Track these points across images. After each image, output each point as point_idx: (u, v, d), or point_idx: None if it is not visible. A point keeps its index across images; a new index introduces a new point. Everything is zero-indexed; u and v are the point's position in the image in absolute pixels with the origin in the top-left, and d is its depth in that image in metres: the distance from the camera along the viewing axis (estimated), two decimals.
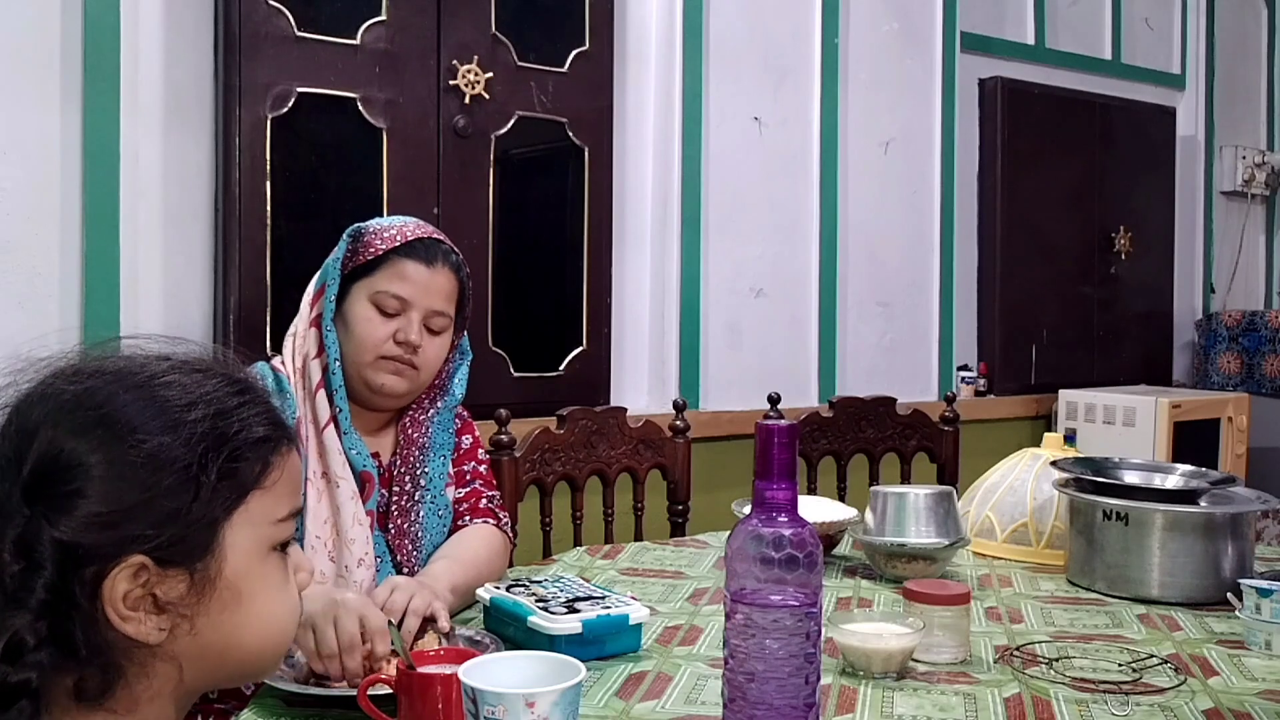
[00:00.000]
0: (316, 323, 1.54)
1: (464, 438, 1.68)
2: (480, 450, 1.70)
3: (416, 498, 1.56)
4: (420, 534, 1.55)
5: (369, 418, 1.58)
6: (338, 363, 1.52)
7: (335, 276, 1.54)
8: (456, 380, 1.65)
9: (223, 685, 0.86)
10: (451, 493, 1.61)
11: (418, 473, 1.57)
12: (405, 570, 1.53)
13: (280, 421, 0.85)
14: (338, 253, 1.55)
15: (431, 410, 1.62)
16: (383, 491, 1.56)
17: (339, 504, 1.48)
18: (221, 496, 0.79)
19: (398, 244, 1.53)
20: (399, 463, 1.58)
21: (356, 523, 1.48)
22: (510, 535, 1.67)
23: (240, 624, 0.81)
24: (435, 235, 1.58)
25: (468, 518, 1.62)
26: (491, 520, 1.63)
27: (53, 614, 0.73)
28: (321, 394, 1.52)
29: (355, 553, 1.47)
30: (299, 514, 0.87)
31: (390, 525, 1.55)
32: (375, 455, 1.56)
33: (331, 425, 1.51)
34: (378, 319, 1.52)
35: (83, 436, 0.76)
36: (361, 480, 1.52)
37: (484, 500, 1.65)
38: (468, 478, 1.66)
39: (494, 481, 1.71)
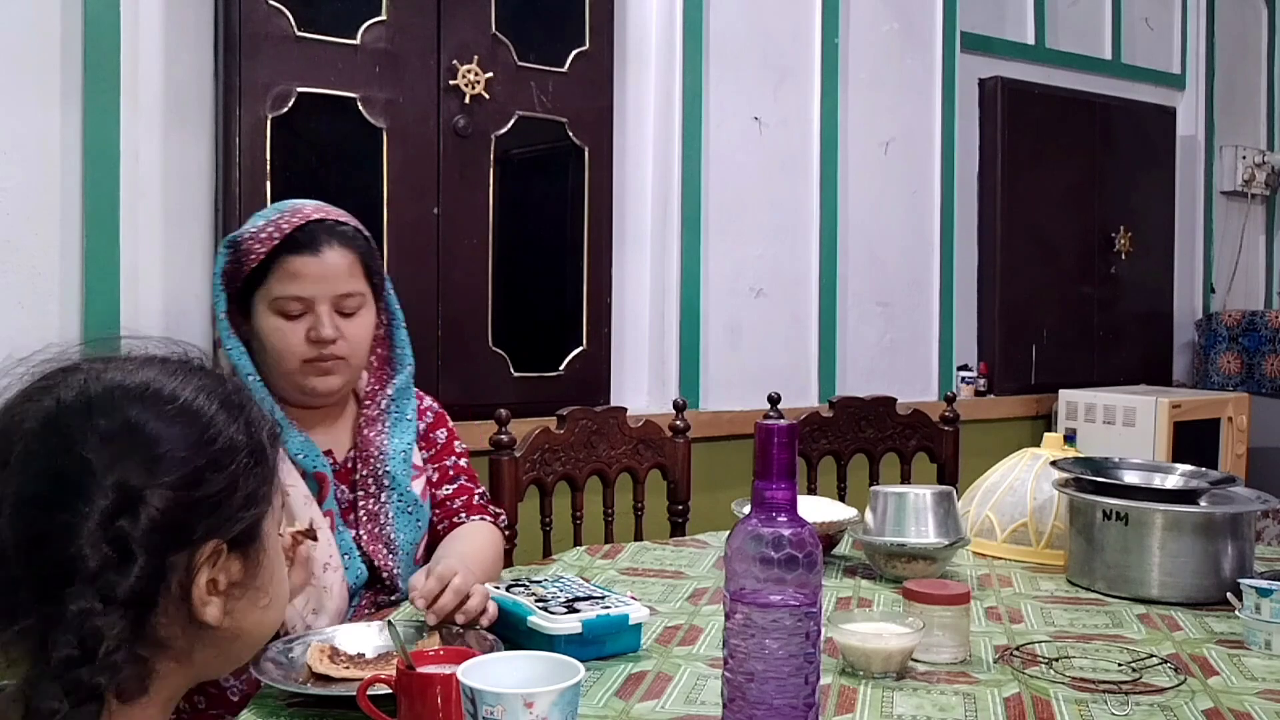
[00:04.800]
0: (219, 343, 1.49)
1: (438, 431, 1.65)
2: (457, 443, 1.67)
3: (383, 499, 1.53)
4: (393, 535, 1.52)
5: (317, 415, 1.53)
6: (250, 377, 1.46)
7: (219, 294, 1.48)
8: (399, 350, 1.59)
9: (222, 673, 0.87)
10: (419, 486, 1.57)
11: (380, 473, 1.53)
12: (384, 575, 1.50)
13: (272, 419, 0.89)
14: (216, 268, 1.49)
15: (384, 399, 1.57)
16: (342, 488, 1.52)
17: (294, 511, 1.43)
18: (267, 483, 0.83)
19: (277, 242, 1.44)
20: (360, 465, 1.53)
21: (316, 526, 1.41)
22: (504, 530, 1.66)
23: (267, 604, 0.84)
24: (313, 216, 1.48)
25: (463, 514, 1.60)
26: (488, 517, 1.62)
27: (137, 607, 0.74)
28: None
29: (320, 557, 1.41)
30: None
31: (361, 531, 1.51)
32: (329, 452, 1.52)
33: None
34: (286, 325, 1.45)
35: (171, 421, 0.77)
36: (316, 481, 1.47)
37: (476, 497, 1.63)
38: (451, 474, 1.63)
39: (476, 475, 1.68)
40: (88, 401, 0.77)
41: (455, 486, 1.63)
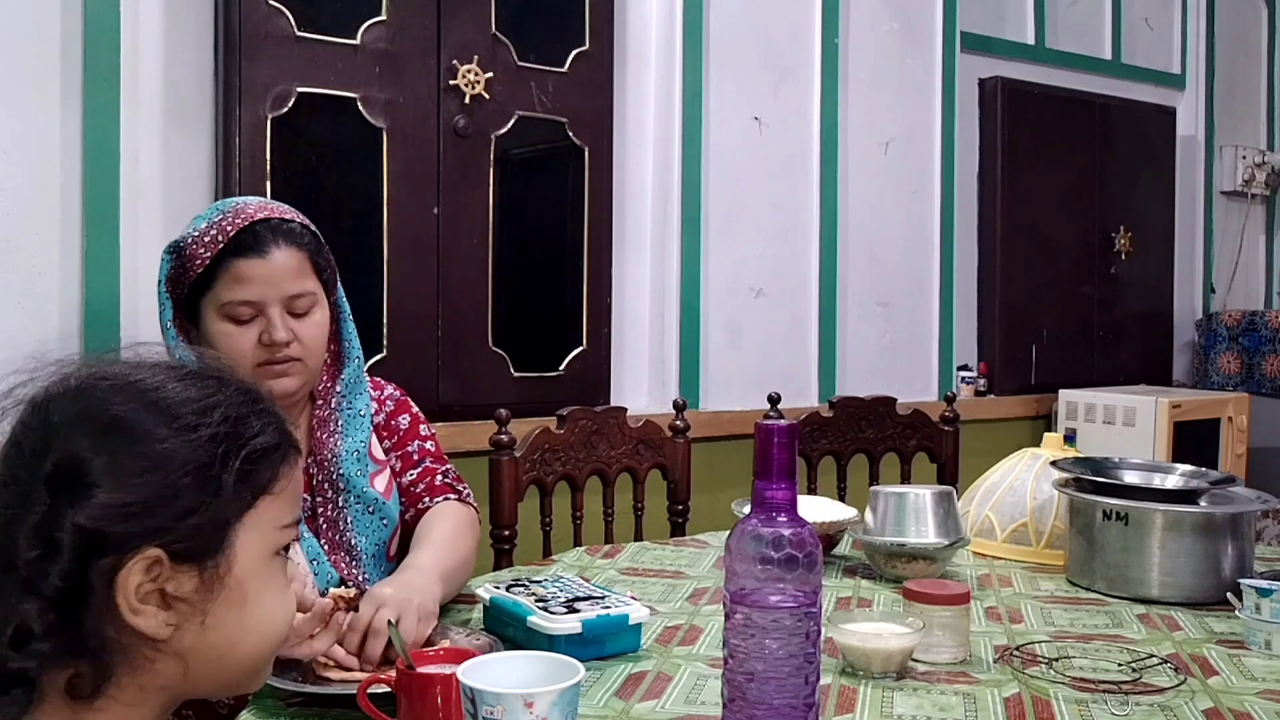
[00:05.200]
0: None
1: (400, 418, 1.61)
2: (422, 426, 1.62)
3: (340, 503, 1.49)
4: (354, 540, 1.49)
5: None
6: None
7: (164, 302, 1.44)
8: (347, 343, 1.54)
9: (212, 693, 0.86)
10: (381, 482, 1.53)
11: (335, 476, 1.49)
12: (349, 583, 1.46)
13: (287, 431, 0.88)
14: (159, 275, 1.44)
15: (335, 397, 1.52)
16: (305, 496, 1.48)
17: None
18: (235, 498, 0.82)
19: (221, 245, 1.39)
20: (316, 470, 1.49)
21: None
22: (474, 506, 1.60)
23: (243, 625, 0.83)
24: (258, 216, 1.43)
25: (427, 499, 1.55)
26: (453, 496, 1.57)
27: (64, 604, 0.75)
28: None
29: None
30: (299, 521, 0.89)
31: (322, 540, 1.48)
32: None
33: None
34: (236, 331, 1.41)
35: (110, 432, 0.78)
36: None
37: (439, 477, 1.58)
38: (415, 458, 1.59)
39: (444, 455, 1.64)
40: (41, 403, 0.80)
41: (419, 470, 1.58)
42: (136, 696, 0.79)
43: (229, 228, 1.40)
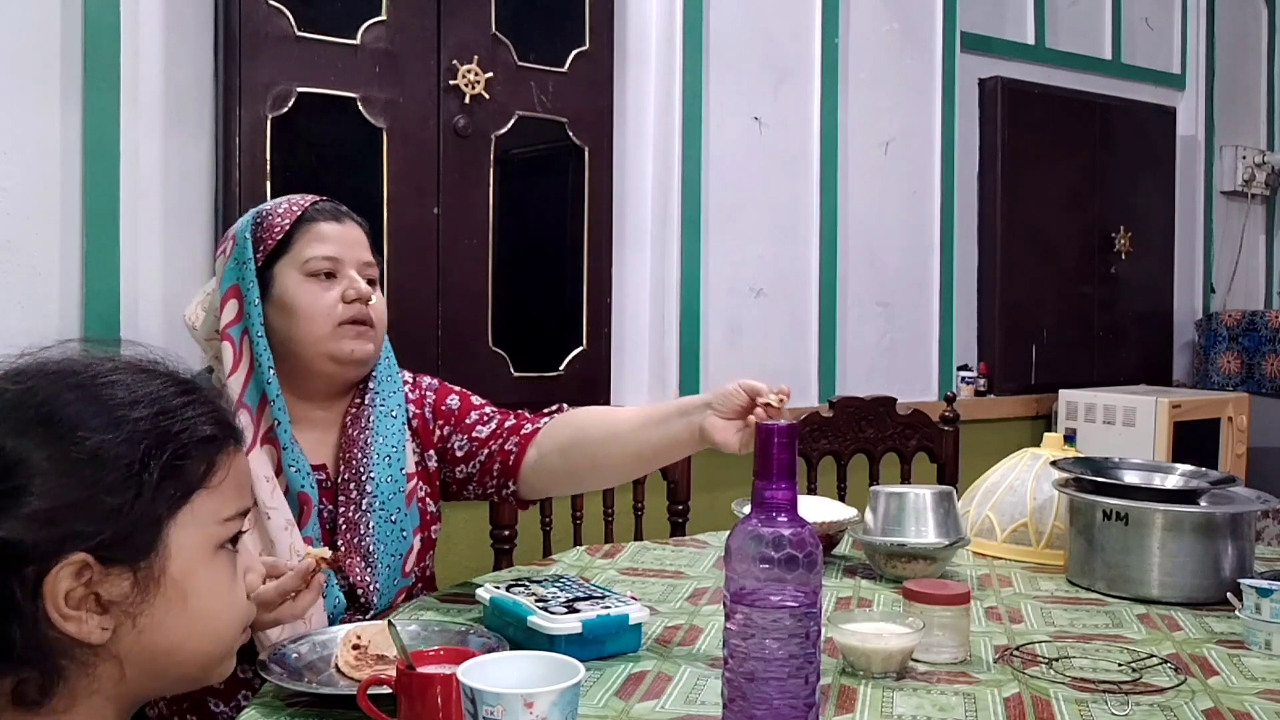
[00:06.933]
0: (227, 335, 1.42)
1: (449, 399, 1.58)
2: (473, 397, 1.60)
3: (364, 506, 1.45)
4: (372, 548, 1.44)
5: (316, 417, 1.48)
6: (272, 370, 1.42)
7: (252, 278, 1.44)
8: None
9: (168, 690, 0.84)
10: (408, 488, 1.50)
11: (363, 479, 1.45)
12: (359, 591, 1.43)
13: (227, 421, 0.85)
14: (244, 251, 1.44)
15: (369, 393, 1.50)
16: (329, 507, 1.46)
17: (273, 538, 1.36)
18: (165, 495, 0.79)
19: (298, 213, 1.47)
20: (344, 470, 1.47)
21: (294, 554, 1.34)
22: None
23: (186, 623, 0.81)
24: (327, 199, 1.54)
25: (528, 425, 1.53)
26: (549, 414, 1.55)
27: None
28: (243, 413, 1.38)
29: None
30: (247, 513, 0.86)
31: (339, 541, 1.44)
32: (321, 466, 1.47)
33: (257, 448, 1.39)
34: (319, 287, 1.45)
35: (24, 435, 0.76)
36: (298, 502, 1.41)
37: (527, 413, 1.56)
38: (489, 413, 1.57)
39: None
40: None
41: (500, 416, 1.55)
42: (90, 694, 0.78)
43: (303, 202, 1.50)
